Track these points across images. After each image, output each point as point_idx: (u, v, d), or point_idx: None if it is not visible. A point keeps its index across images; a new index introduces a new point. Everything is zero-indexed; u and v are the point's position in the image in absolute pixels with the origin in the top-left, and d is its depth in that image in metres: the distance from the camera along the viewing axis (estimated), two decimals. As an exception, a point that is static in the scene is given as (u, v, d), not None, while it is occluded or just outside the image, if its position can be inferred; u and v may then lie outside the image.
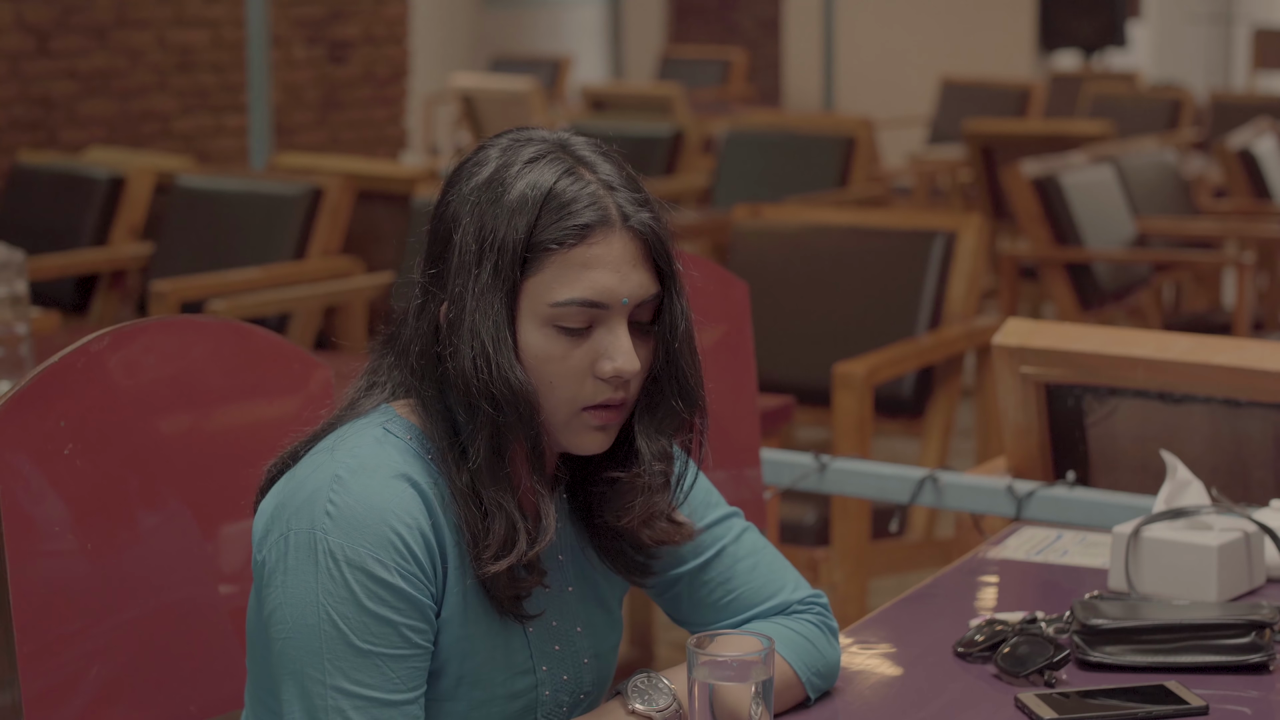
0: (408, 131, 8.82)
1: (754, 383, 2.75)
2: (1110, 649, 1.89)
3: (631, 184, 1.66)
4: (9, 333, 3.23)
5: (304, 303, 4.95)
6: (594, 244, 1.62)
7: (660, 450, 1.70)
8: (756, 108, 10.55)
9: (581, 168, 1.65)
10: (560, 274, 1.62)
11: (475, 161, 1.67)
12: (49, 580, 1.78)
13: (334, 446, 1.64)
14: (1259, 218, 6.62)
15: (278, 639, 1.61)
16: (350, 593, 1.58)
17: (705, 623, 1.83)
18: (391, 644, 1.60)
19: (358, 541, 1.58)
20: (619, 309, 1.63)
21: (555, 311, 1.62)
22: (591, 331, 1.63)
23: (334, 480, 1.60)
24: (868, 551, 3.64)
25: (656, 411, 1.69)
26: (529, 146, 1.66)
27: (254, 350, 2.00)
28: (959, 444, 5.40)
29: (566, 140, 1.67)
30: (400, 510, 1.60)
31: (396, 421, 1.66)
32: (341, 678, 1.58)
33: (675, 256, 1.67)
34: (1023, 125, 8.30)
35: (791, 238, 4.53)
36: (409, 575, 1.60)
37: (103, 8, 7.40)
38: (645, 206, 1.65)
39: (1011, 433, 2.73)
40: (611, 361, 1.63)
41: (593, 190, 1.63)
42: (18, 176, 6.05)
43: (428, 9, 11.63)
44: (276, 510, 1.63)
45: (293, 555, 1.60)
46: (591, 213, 1.62)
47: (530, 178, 1.63)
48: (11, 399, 1.76)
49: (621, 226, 1.63)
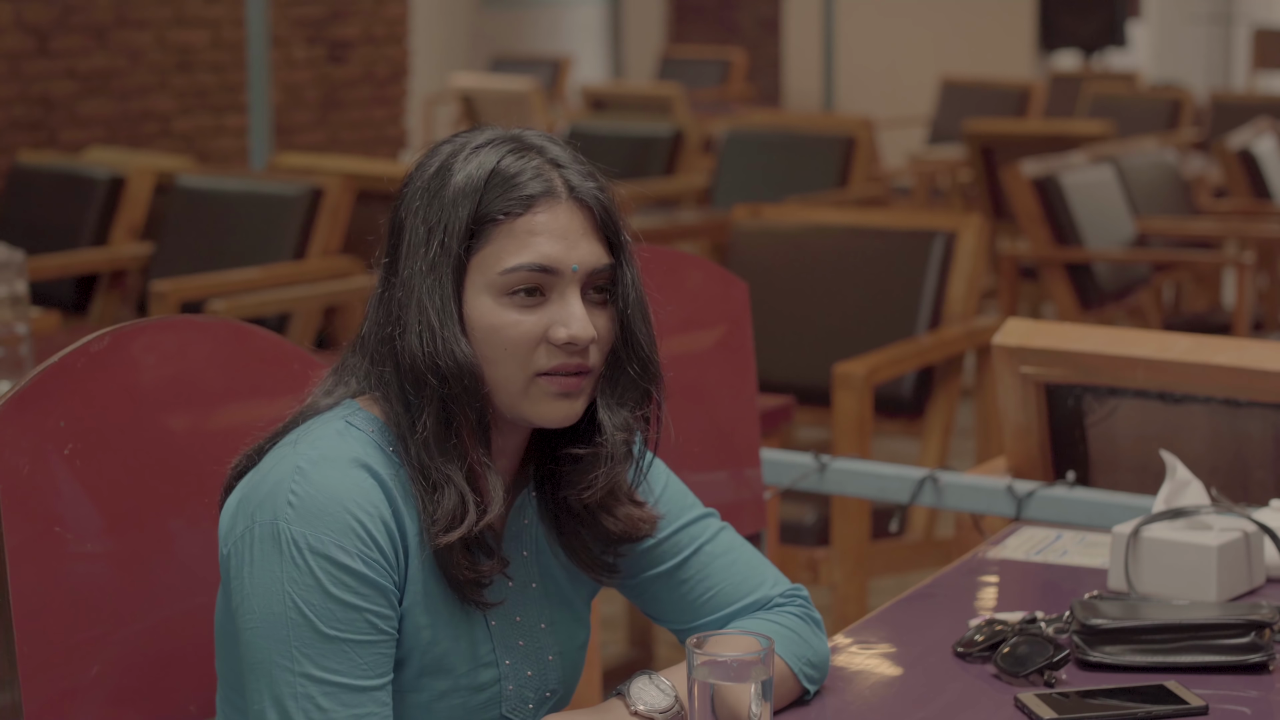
0: (408, 131, 8.83)
1: (754, 383, 2.75)
2: (1110, 649, 1.89)
3: (579, 161, 1.70)
4: (9, 333, 3.23)
5: (304, 303, 4.95)
6: (539, 212, 1.65)
7: (622, 421, 1.72)
8: (756, 108, 10.55)
9: (529, 150, 1.69)
10: (507, 243, 1.65)
11: (429, 155, 1.72)
12: (49, 580, 1.78)
13: (296, 440, 1.67)
14: (1259, 218, 6.62)
15: (245, 629, 1.63)
16: (315, 580, 1.60)
17: (684, 621, 1.84)
18: (358, 630, 1.62)
19: (320, 529, 1.61)
20: (570, 276, 1.66)
21: (504, 279, 1.65)
22: (545, 301, 1.66)
23: (295, 471, 1.63)
24: (868, 551, 3.65)
25: (616, 384, 1.72)
26: (479, 136, 1.70)
27: (254, 350, 2.01)
28: (959, 444, 5.40)
29: (520, 132, 1.71)
30: (361, 498, 1.63)
31: (359, 415, 1.69)
32: (310, 665, 1.60)
33: (624, 228, 1.70)
34: (1023, 125, 8.30)
35: (791, 238, 4.53)
36: (372, 561, 1.62)
37: (103, 8, 7.40)
38: (592, 179, 1.69)
39: (1011, 433, 2.73)
40: (565, 328, 1.65)
41: (537, 165, 1.67)
42: (18, 176, 6.05)
43: (428, 9, 11.63)
44: (240, 504, 1.66)
45: (257, 547, 1.62)
46: (537, 184, 1.66)
47: (476, 161, 1.67)
48: (11, 399, 1.76)
49: (568, 197, 1.67)
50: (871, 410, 3.78)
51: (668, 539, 1.82)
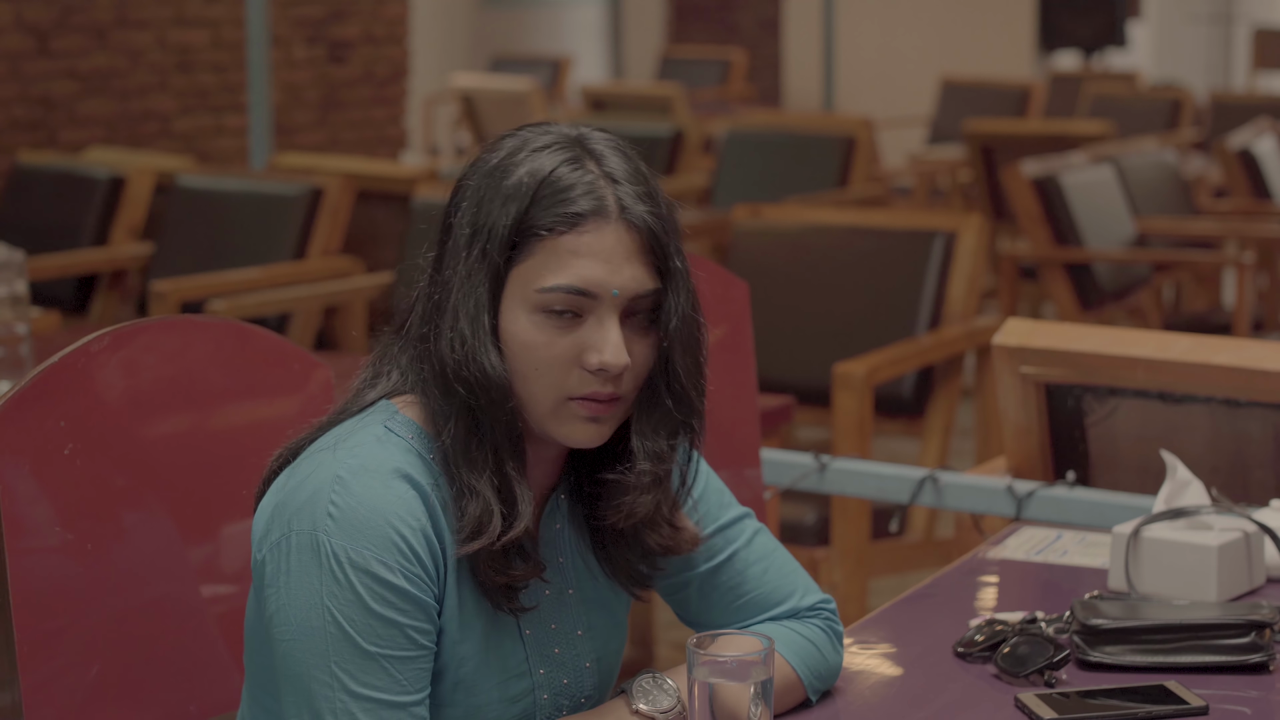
0: (408, 131, 8.82)
1: (754, 383, 2.75)
2: (1110, 649, 1.89)
3: (638, 178, 1.63)
4: (9, 333, 3.23)
5: (304, 303, 4.95)
6: (585, 232, 1.60)
7: (653, 450, 1.67)
8: (756, 108, 10.54)
9: (589, 159, 1.63)
10: (548, 260, 1.60)
11: (491, 149, 1.66)
12: (49, 580, 1.78)
13: (335, 445, 1.63)
14: (1259, 218, 6.62)
15: (281, 641, 1.59)
16: (356, 595, 1.57)
17: (715, 625, 1.82)
18: (398, 645, 1.59)
19: (361, 543, 1.57)
20: (609, 301, 1.61)
21: (541, 297, 1.60)
22: (581, 323, 1.61)
23: (335, 480, 1.59)
24: (868, 551, 3.64)
25: (652, 412, 1.67)
26: (544, 136, 1.65)
27: (254, 350, 2.00)
28: (959, 444, 5.40)
29: (584, 134, 1.65)
30: (403, 511, 1.59)
31: (398, 419, 1.65)
32: (349, 680, 1.57)
33: (678, 254, 1.64)
34: (1023, 125, 8.30)
35: (791, 238, 4.53)
36: (413, 576, 1.59)
37: (103, 8, 7.40)
38: (648, 201, 1.63)
39: (1011, 433, 2.73)
40: (599, 354, 1.61)
41: (591, 180, 1.61)
42: (18, 176, 6.05)
43: (428, 9, 11.62)
44: (277, 510, 1.62)
45: (295, 557, 1.58)
46: (587, 201, 1.60)
47: (531, 165, 1.62)
48: (11, 399, 1.76)
49: (618, 218, 1.61)
50: (871, 410, 3.78)
51: (704, 542, 1.78)
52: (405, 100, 8.66)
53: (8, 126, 7.12)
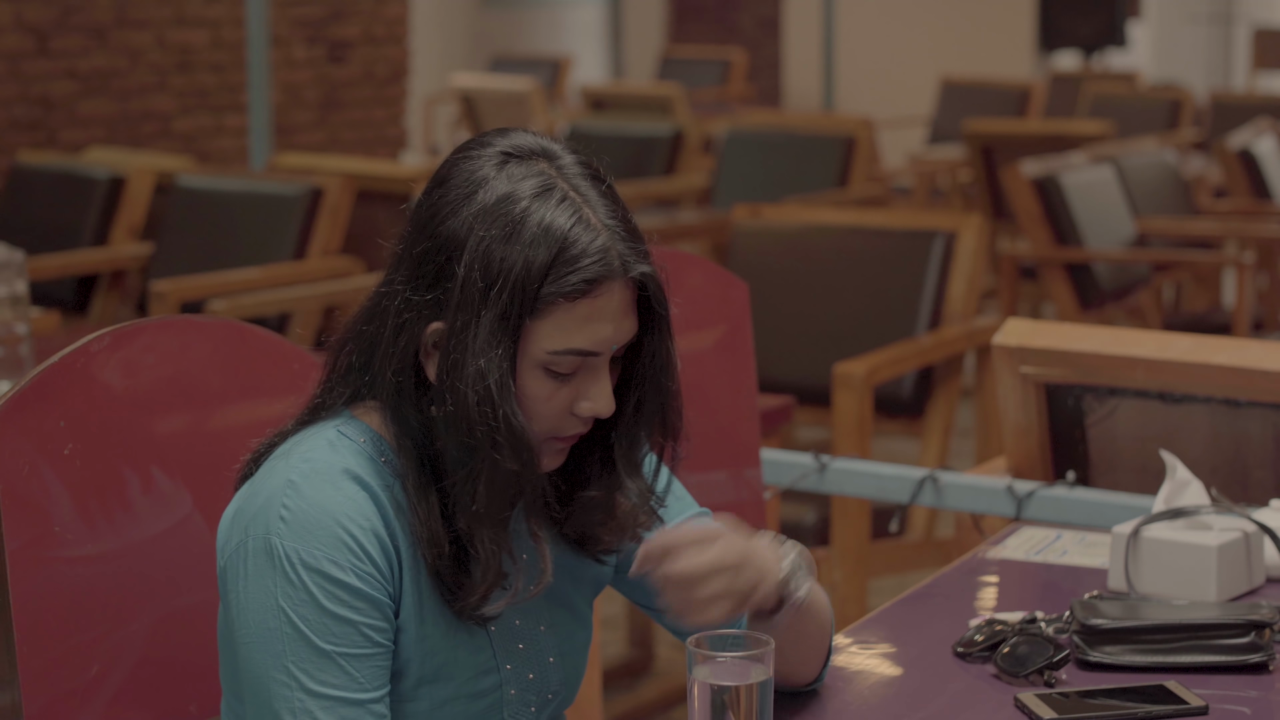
0: (408, 131, 8.83)
1: (754, 383, 2.75)
2: (1110, 649, 1.89)
3: (617, 211, 1.66)
4: (9, 333, 3.23)
5: (304, 303, 4.95)
6: (598, 296, 1.63)
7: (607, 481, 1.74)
8: (756, 108, 10.55)
9: (586, 208, 1.64)
10: (563, 322, 1.63)
11: (470, 178, 1.65)
12: (49, 580, 1.78)
13: (289, 451, 1.67)
14: (1259, 218, 6.62)
15: (241, 644, 1.63)
16: (309, 595, 1.60)
17: None
18: (354, 643, 1.62)
19: (312, 544, 1.61)
20: (606, 354, 1.66)
21: (552, 358, 1.64)
22: (576, 374, 1.66)
23: (287, 485, 1.63)
24: (868, 551, 3.65)
25: (632, 452, 1.74)
26: (525, 168, 1.65)
27: (253, 350, 2.01)
28: (959, 444, 5.40)
29: (558, 162, 1.66)
30: (352, 510, 1.63)
31: (351, 424, 1.68)
32: (306, 679, 1.60)
33: (658, 304, 1.68)
34: (1023, 125, 8.30)
35: (791, 238, 4.53)
36: (365, 575, 1.62)
37: (103, 8, 7.40)
38: (643, 256, 1.66)
39: (1011, 433, 2.73)
40: (591, 404, 1.66)
41: (601, 243, 1.63)
42: (18, 176, 6.05)
43: (428, 9, 11.63)
44: (235, 517, 1.66)
45: (251, 561, 1.62)
46: (598, 267, 1.63)
47: (541, 218, 1.62)
48: (11, 399, 1.76)
49: (623, 277, 1.64)
50: (871, 410, 3.78)
51: None
52: (405, 100, 8.67)
53: (8, 126, 7.12)
